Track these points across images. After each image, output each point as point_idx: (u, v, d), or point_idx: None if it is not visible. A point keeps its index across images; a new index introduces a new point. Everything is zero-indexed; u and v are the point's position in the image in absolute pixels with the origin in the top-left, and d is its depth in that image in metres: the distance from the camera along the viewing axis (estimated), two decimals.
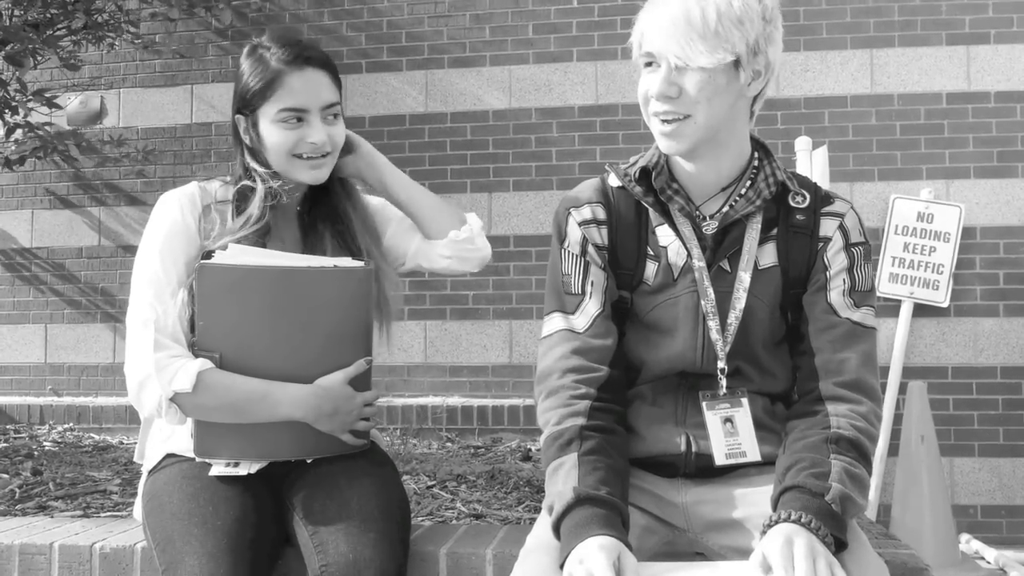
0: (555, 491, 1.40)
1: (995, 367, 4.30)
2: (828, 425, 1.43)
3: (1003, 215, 4.35)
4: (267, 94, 1.76)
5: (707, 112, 1.44)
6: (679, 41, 1.40)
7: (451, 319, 4.64)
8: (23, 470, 3.15)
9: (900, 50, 4.44)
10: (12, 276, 5.12)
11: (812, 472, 1.36)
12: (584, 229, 1.57)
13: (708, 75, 1.41)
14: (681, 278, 1.54)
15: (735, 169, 1.56)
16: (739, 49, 1.41)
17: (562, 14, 4.71)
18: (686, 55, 1.40)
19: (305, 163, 1.79)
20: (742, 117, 1.52)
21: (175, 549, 1.57)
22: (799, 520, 1.28)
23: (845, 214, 1.56)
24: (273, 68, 1.76)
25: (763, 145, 1.60)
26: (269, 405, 1.70)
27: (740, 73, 1.44)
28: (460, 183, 4.73)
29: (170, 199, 1.81)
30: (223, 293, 1.69)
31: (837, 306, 1.52)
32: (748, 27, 1.41)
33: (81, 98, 5.07)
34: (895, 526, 3.76)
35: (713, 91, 1.43)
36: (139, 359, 1.69)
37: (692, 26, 1.39)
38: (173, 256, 1.74)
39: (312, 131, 1.77)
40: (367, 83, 4.84)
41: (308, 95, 1.77)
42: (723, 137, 1.50)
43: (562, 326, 1.54)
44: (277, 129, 1.77)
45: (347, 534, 1.61)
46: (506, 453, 3.67)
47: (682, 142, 1.48)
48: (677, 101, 1.44)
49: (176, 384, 1.66)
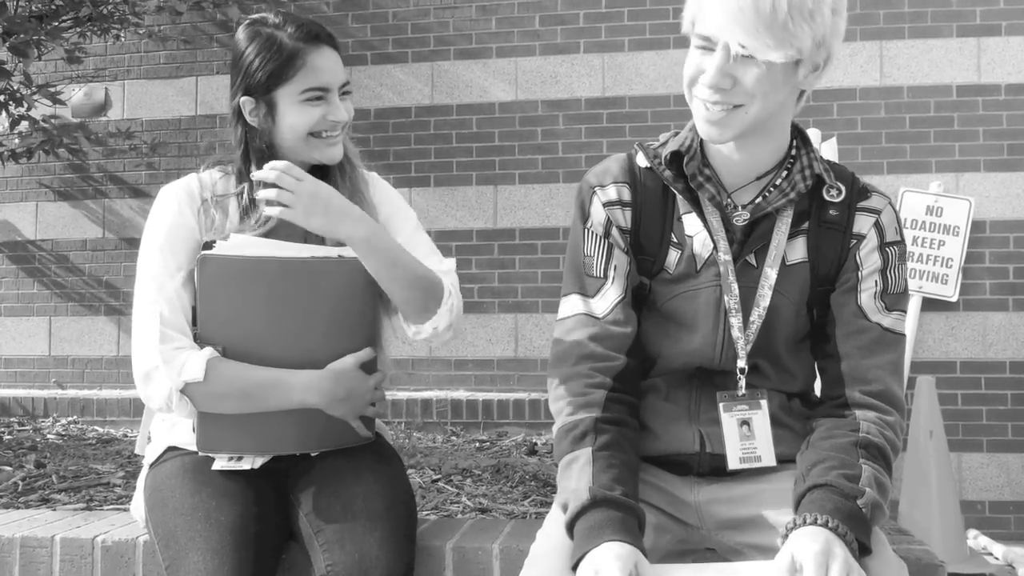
0: (569, 488, 1.37)
1: (1004, 362, 4.27)
2: (857, 428, 1.39)
3: (1013, 209, 4.31)
4: (287, 74, 1.72)
5: (761, 106, 1.36)
6: (746, 29, 1.28)
7: None
8: (26, 463, 3.13)
9: (910, 42, 4.41)
10: (16, 268, 5.11)
11: (843, 473, 1.31)
12: (609, 210, 1.51)
13: (768, 69, 1.32)
14: (704, 270, 1.48)
15: (773, 159, 1.48)
16: (805, 45, 1.30)
17: (569, 5, 4.67)
18: (752, 46, 1.29)
19: (323, 142, 1.76)
20: (790, 107, 1.45)
21: (178, 545, 1.55)
22: (834, 528, 1.22)
23: (882, 211, 1.48)
24: (291, 47, 1.72)
25: (803, 134, 1.52)
26: (282, 391, 1.68)
27: (800, 68, 1.36)
28: (466, 175, 4.70)
29: (168, 194, 1.79)
30: (225, 284, 1.68)
31: (868, 310, 1.46)
32: (818, 21, 1.30)
33: (86, 90, 5.06)
34: (903, 521, 3.74)
35: (771, 86, 1.34)
36: (145, 351, 1.68)
37: (760, 15, 1.27)
38: (173, 251, 1.73)
39: (333, 109, 1.75)
40: (373, 75, 4.82)
41: (331, 74, 1.75)
42: (768, 127, 1.43)
43: (581, 309, 1.49)
44: (301, 109, 1.73)
45: (353, 533, 1.59)
46: (512, 447, 3.65)
47: (726, 132, 1.40)
48: (730, 92, 1.35)
49: (186, 374, 1.64)
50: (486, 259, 4.66)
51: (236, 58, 1.78)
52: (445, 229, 4.67)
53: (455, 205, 4.70)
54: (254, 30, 1.76)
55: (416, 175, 4.73)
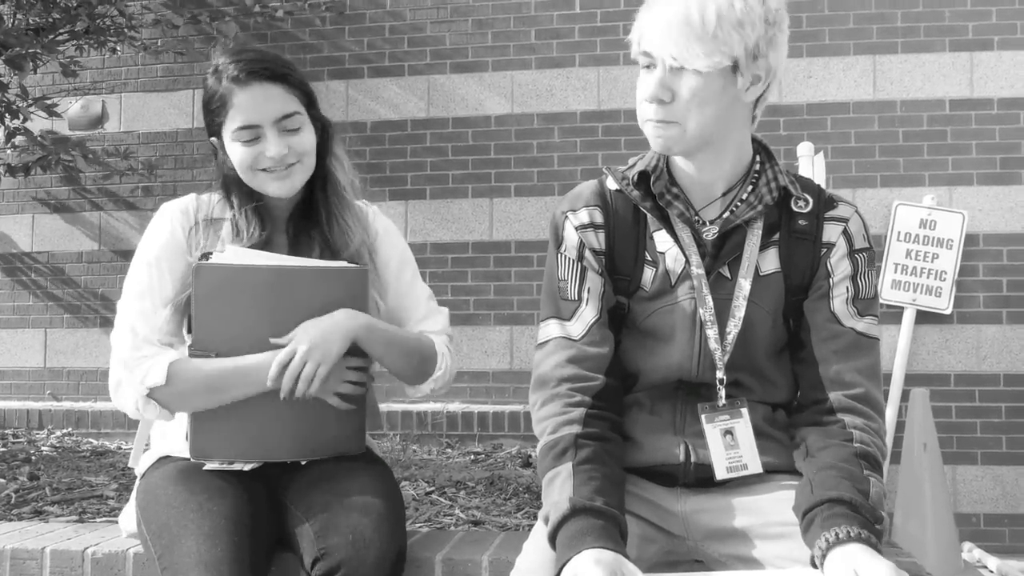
0: (551, 501, 1.38)
1: (998, 375, 4.28)
2: (850, 438, 1.41)
3: (1006, 222, 4.33)
4: (222, 115, 1.78)
5: (698, 120, 1.42)
6: (676, 42, 1.37)
7: (452, 325, 4.62)
8: (20, 474, 3.13)
9: (903, 56, 4.43)
10: (12, 281, 5.11)
11: (859, 489, 1.34)
12: (581, 233, 1.54)
13: (703, 79, 1.38)
14: (679, 284, 1.51)
15: (736, 173, 1.53)
16: (737, 53, 1.38)
17: (564, 20, 4.70)
18: (682, 57, 1.37)
19: (269, 175, 1.79)
20: (740, 121, 1.49)
21: (171, 534, 1.56)
22: (874, 545, 1.27)
23: (849, 219, 1.53)
24: (224, 88, 1.77)
25: (766, 149, 1.57)
26: (241, 375, 1.69)
27: (737, 78, 1.41)
28: (462, 188, 4.71)
29: (165, 212, 1.85)
30: (218, 293, 1.70)
31: (840, 315, 1.49)
32: (748, 30, 1.37)
33: (82, 102, 5.07)
34: (897, 534, 3.73)
35: (706, 96, 1.40)
36: (114, 363, 1.73)
37: (691, 27, 1.35)
38: (159, 269, 1.78)
39: (269, 145, 1.76)
40: (369, 89, 4.83)
41: (256, 111, 1.76)
42: (720, 141, 1.47)
43: (558, 333, 1.52)
44: (237, 147, 1.78)
45: (347, 517, 1.61)
46: (506, 459, 3.65)
47: (673, 147, 1.47)
48: (669, 107, 1.42)
49: (149, 380, 1.68)
50: (481, 271, 4.67)
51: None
52: (440, 242, 4.68)
53: (451, 218, 4.71)
54: (212, 70, 1.81)
55: (412, 188, 4.74)
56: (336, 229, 1.85)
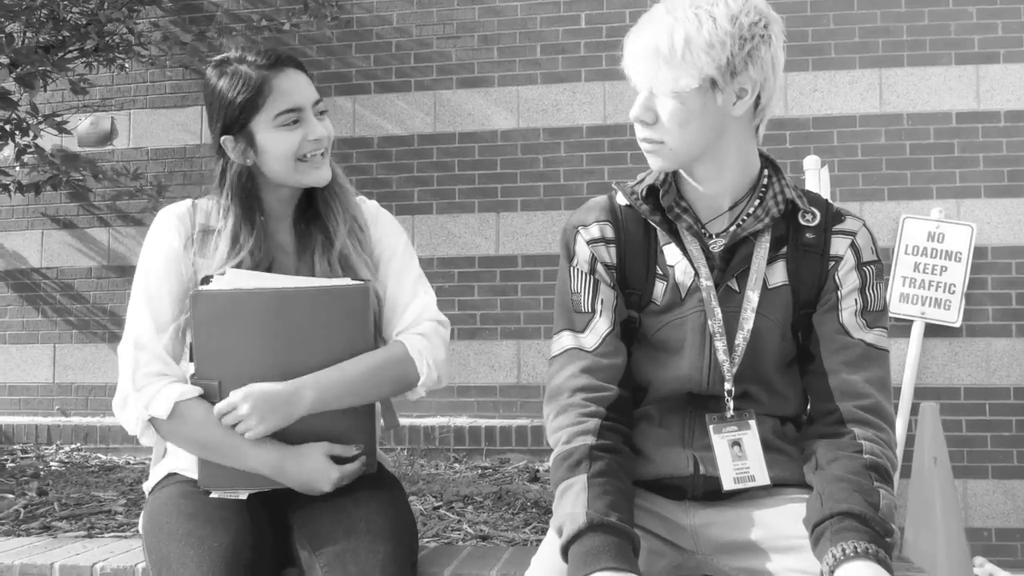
0: (565, 512, 1.37)
1: (1008, 388, 4.25)
2: (860, 449, 1.41)
3: (1015, 234, 4.31)
4: (259, 102, 1.75)
5: (681, 138, 1.45)
6: (648, 68, 1.43)
7: (458, 339, 4.62)
8: (29, 490, 3.14)
9: (909, 69, 4.43)
10: (21, 296, 5.13)
11: (869, 502, 1.34)
12: (593, 247, 1.56)
13: (679, 100, 1.42)
14: (689, 297, 1.52)
15: (742, 187, 1.54)
16: (708, 72, 1.40)
17: (570, 35, 4.72)
18: (653, 82, 1.43)
19: (309, 164, 1.78)
20: (737, 135, 1.49)
21: (170, 570, 1.56)
22: (883, 561, 1.27)
23: (857, 232, 1.54)
24: (256, 76, 1.75)
25: (773, 163, 1.58)
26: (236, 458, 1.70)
27: (717, 95, 1.43)
28: (468, 203, 4.73)
29: (162, 220, 1.83)
30: (218, 319, 1.69)
31: (849, 327, 1.49)
32: (719, 50, 1.39)
33: (92, 119, 5.10)
34: (908, 549, 3.71)
35: (686, 116, 1.43)
36: (122, 378, 1.73)
37: (659, 54, 1.40)
38: (159, 277, 1.77)
39: (312, 128, 1.77)
40: (376, 104, 4.85)
41: (299, 93, 1.77)
42: (717, 155, 1.49)
43: (571, 344, 1.53)
44: (278, 134, 1.76)
45: (355, 554, 1.59)
46: (514, 474, 3.64)
47: (664, 164, 1.51)
48: (653, 128, 1.47)
49: (152, 409, 1.69)
50: (488, 286, 4.67)
51: (209, 100, 1.81)
52: (447, 256, 4.69)
53: (457, 232, 4.72)
54: (220, 70, 1.79)
55: (419, 203, 4.75)
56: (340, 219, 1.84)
